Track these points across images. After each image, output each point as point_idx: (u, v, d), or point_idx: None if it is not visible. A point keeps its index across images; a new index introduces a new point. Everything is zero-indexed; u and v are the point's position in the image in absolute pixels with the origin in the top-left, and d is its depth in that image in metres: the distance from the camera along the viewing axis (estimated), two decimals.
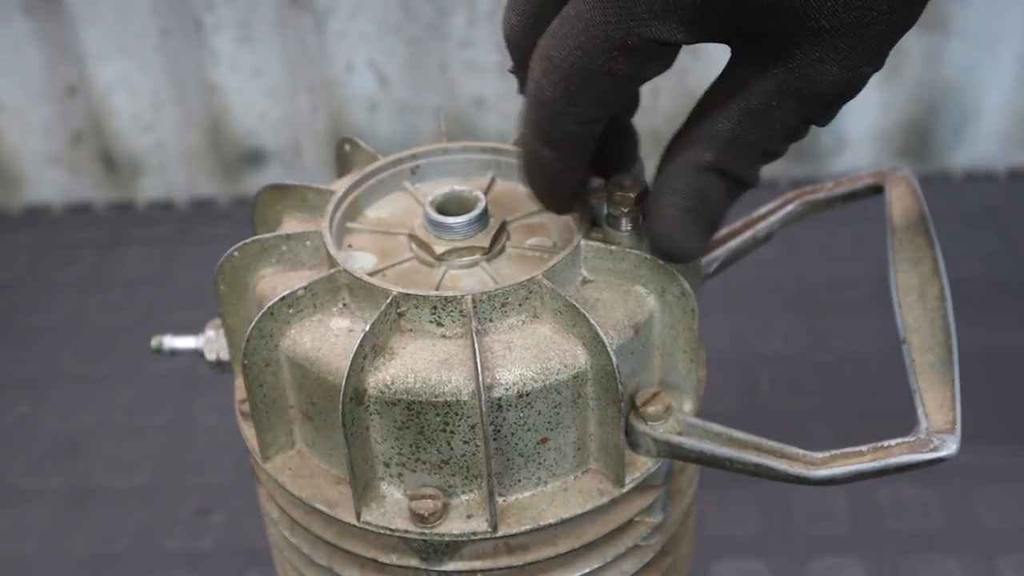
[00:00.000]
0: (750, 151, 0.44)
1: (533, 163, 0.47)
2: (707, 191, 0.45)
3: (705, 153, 0.44)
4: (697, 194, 0.45)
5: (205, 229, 1.14)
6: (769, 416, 0.89)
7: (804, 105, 0.42)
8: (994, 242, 1.07)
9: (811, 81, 0.42)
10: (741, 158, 0.44)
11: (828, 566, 0.79)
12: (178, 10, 1.08)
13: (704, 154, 0.44)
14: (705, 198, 0.45)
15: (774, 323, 0.98)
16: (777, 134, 0.44)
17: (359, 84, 1.12)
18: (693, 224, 0.46)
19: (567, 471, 0.50)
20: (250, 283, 0.53)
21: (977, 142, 1.15)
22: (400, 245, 0.54)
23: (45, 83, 1.12)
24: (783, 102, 0.42)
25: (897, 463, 0.46)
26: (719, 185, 0.45)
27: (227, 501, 0.85)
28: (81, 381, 0.97)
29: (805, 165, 1.17)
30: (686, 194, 0.45)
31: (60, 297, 1.06)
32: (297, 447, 0.53)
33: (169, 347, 0.60)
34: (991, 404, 0.89)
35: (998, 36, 1.09)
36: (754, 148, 0.44)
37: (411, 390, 0.47)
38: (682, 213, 0.46)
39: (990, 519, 0.81)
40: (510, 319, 0.48)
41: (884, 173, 0.59)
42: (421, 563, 0.51)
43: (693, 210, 0.46)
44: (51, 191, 1.18)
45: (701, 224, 0.46)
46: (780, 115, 0.43)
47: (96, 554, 0.82)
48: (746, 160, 0.44)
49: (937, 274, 0.54)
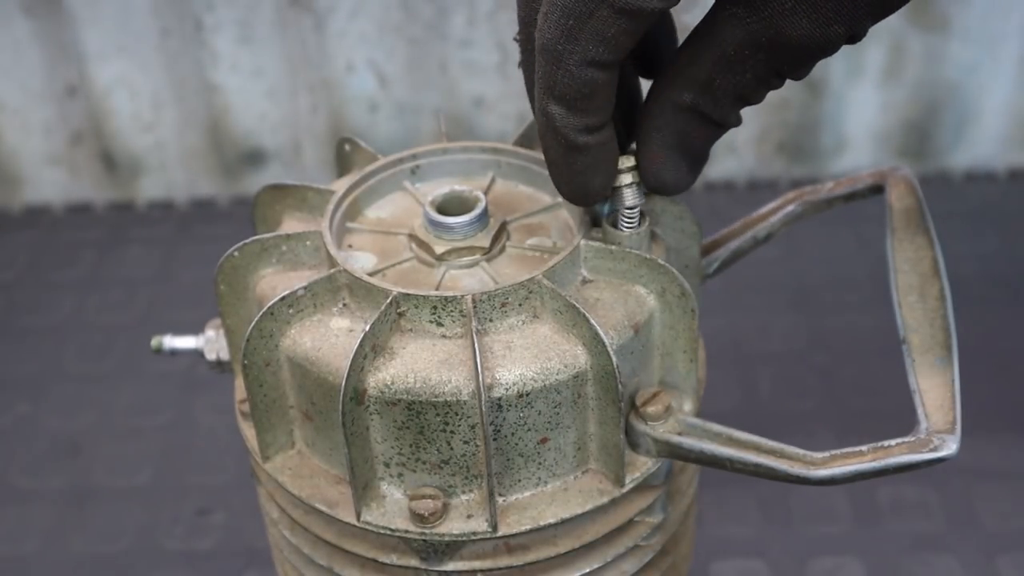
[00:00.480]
0: (724, 95, 0.45)
1: (545, 128, 0.46)
2: (687, 130, 0.47)
3: (684, 94, 0.46)
4: (678, 133, 0.47)
5: (205, 229, 1.14)
6: (769, 416, 0.89)
7: (774, 56, 0.43)
8: (994, 242, 1.07)
9: (781, 33, 0.42)
10: (717, 101, 0.46)
11: (828, 566, 0.79)
12: (178, 10, 1.08)
13: (683, 95, 0.46)
14: (686, 136, 0.47)
15: (774, 323, 0.98)
16: (749, 82, 0.45)
17: (359, 84, 1.12)
18: (679, 160, 0.48)
19: (567, 471, 0.50)
20: (250, 283, 0.53)
21: (977, 142, 1.15)
22: (400, 245, 0.54)
23: (45, 83, 1.12)
24: (754, 53, 0.43)
25: (897, 463, 0.46)
26: (698, 124, 0.47)
27: (227, 501, 0.85)
28: (81, 381, 0.97)
29: (805, 165, 1.17)
30: (668, 132, 0.47)
31: (60, 297, 1.06)
32: (297, 447, 0.53)
33: (169, 347, 0.60)
34: (991, 404, 0.89)
35: (998, 36, 1.09)
36: (728, 93, 0.45)
37: (411, 390, 0.47)
38: (667, 150, 0.48)
39: (990, 519, 0.81)
40: (510, 319, 0.48)
41: (884, 173, 0.59)
42: (421, 563, 0.51)
43: (677, 147, 0.48)
44: (51, 191, 1.18)
45: (686, 160, 0.48)
46: (751, 65, 0.44)
47: (96, 554, 0.82)
48: (722, 103, 0.46)
49: (937, 274, 0.54)
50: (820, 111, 1.13)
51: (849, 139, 1.15)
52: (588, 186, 0.48)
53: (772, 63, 0.44)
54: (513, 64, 1.10)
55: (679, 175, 0.48)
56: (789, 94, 1.11)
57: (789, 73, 0.45)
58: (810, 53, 0.43)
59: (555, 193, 0.56)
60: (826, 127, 1.14)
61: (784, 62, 0.44)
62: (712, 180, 1.17)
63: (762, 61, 0.44)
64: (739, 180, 1.17)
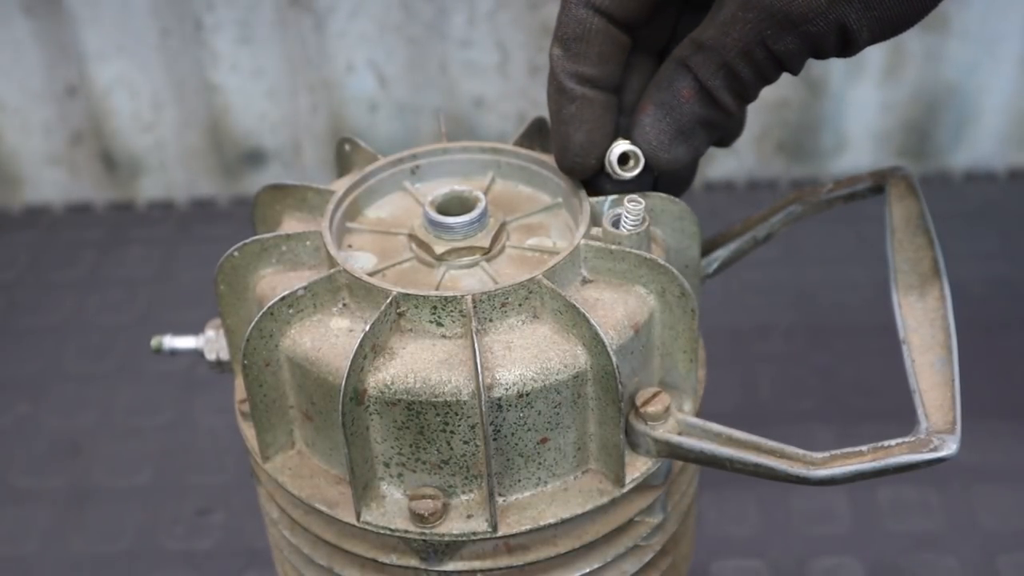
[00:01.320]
0: (711, 56, 0.47)
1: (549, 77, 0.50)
2: (676, 86, 0.49)
3: (681, 50, 0.49)
4: (668, 90, 0.49)
5: (205, 229, 1.14)
6: (769, 416, 0.89)
7: (759, 16, 0.45)
8: (994, 242, 1.07)
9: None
10: (705, 61, 0.48)
11: (828, 566, 0.79)
12: (178, 10, 1.08)
13: (680, 51, 0.49)
14: (674, 93, 0.49)
15: (774, 323, 0.98)
16: (734, 46, 0.47)
17: (359, 84, 1.12)
18: (664, 119, 0.50)
19: (567, 471, 0.50)
20: (250, 283, 0.53)
21: (977, 142, 1.15)
22: (400, 245, 0.54)
23: (45, 83, 1.12)
24: (745, 13, 0.46)
25: (897, 463, 0.46)
26: (687, 82, 0.49)
27: (227, 501, 0.85)
28: (81, 381, 0.97)
29: (805, 165, 1.17)
30: (660, 86, 0.50)
31: (60, 297, 1.06)
32: (297, 447, 0.53)
33: (169, 347, 0.60)
34: (991, 404, 0.89)
35: (998, 36, 1.09)
36: (714, 51, 0.47)
37: (411, 390, 0.47)
38: (654, 105, 0.50)
39: (990, 519, 0.81)
40: (510, 319, 0.48)
41: (884, 173, 0.59)
42: (421, 563, 0.51)
43: (664, 104, 0.50)
44: (51, 191, 1.18)
45: (670, 122, 0.50)
46: (740, 26, 0.46)
47: (96, 554, 0.82)
48: (708, 63, 0.48)
49: (937, 274, 0.54)
50: (820, 111, 1.13)
51: (849, 139, 1.15)
52: (569, 141, 0.51)
53: (757, 27, 0.46)
54: (513, 64, 1.10)
55: (661, 136, 0.50)
56: (789, 94, 1.11)
57: (771, 42, 0.46)
58: (789, 20, 0.45)
59: (555, 193, 0.56)
60: (826, 127, 1.14)
61: (767, 26, 0.45)
62: (712, 180, 1.17)
63: (749, 23, 0.46)
64: (739, 180, 1.17)
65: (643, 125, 0.50)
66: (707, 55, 0.48)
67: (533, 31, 1.08)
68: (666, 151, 0.50)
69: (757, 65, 0.47)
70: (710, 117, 0.49)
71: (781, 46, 0.46)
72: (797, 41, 0.46)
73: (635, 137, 0.51)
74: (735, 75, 0.48)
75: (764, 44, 0.46)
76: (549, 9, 1.07)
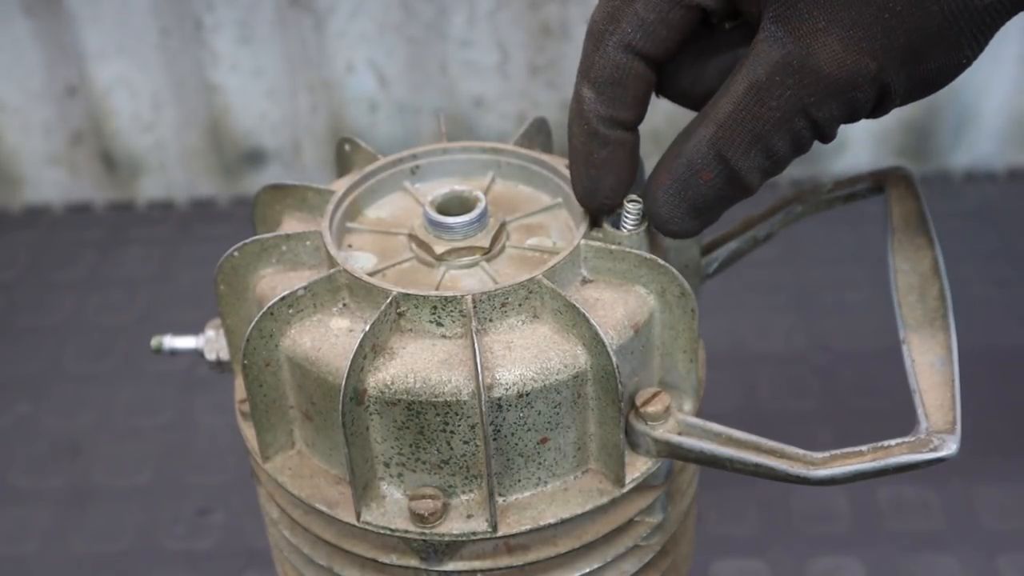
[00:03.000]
0: (743, 130, 0.44)
1: (574, 114, 0.48)
2: (696, 166, 0.46)
3: (703, 128, 0.45)
4: (687, 165, 0.46)
5: (205, 229, 1.14)
6: (769, 416, 0.89)
7: (802, 85, 0.43)
8: (994, 242, 1.07)
9: (812, 55, 0.42)
10: (734, 137, 0.45)
11: (828, 566, 0.79)
12: (178, 10, 1.08)
13: (702, 129, 0.46)
14: (692, 173, 0.46)
15: (774, 323, 0.98)
16: (771, 117, 0.44)
17: (359, 84, 1.12)
18: (679, 196, 0.47)
19: (567, 471, 0.50)
20: (250, 283, 0.53)
21: (977, 142, 1.15)
22: (400, 245, 0.54)
23: (45, 83, 1.12)
24: (784, 78, 0.43)
25: (897, 463, 0.46)
26: (710, 163, 0.46)
27: (227, 501, 0.85)
28: (81, 381, 0.97)
29: (805, 165, 1.17)
30: (678, 162, 0.46)
31: (60, 297, 1.06)
32: (297, 447, 0.53)
33: (169, 347, 0.60)
34: (991, 404, 0.89)
35: (998, 36, 1.09)
36: (746, 129, 0.44)
37: (411, 390, 0.47)
38: (671, 180, 0.47)
39: (990, 519, 0.81)
40: (510, 319, 0.48)
41: (884, 173, 0.59)
42: (421, 563, 0.51)
43: (679, 181, 0.47)
44: (51, 191, 1.18)
45: (685, 199, 0.47)
46: (779, 92, 0.43)
47: (96, 554, 0.82)
48: (738, 140, 0.45)
49: (937, 274, 0.54)
50: None
51: (849, 139, 1.15)
52: (599, 183, 0.49)
53: (799, 93, 0.43)
54: (513, 64, 1.10)
55: (673, 212, 0.48)
56: None
57: (814, 110, 0.43)
58: (837, 86, 0.43)
59: (555, 193, 0.56)
60: None
61: (813, 91, 0.43)
62: None
63: (790, 89, 0.43)
64: None
65: (657, 197, 0.47)
66: (736, 129, 0.44)
67: (533, 31, 1.08)
68: (677, 225, 0.48)
69: (795, 136, 0.44)
70: (729, 195, 0.47)
71: (824, 113, 0.43)
72: (841, 108, 0.43)
73: (647, 205, 0.49)
74: (769, 151, 0.45)
75: (806, 113, 0.44)
76: (549, 9, 1.07)
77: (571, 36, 1.08)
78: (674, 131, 0.48)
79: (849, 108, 0.44)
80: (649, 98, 0.48)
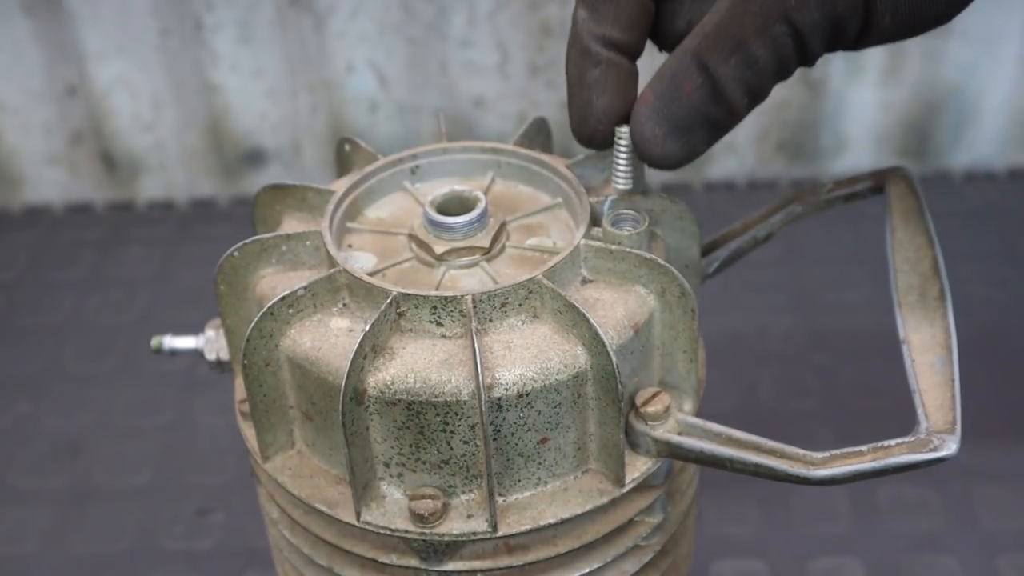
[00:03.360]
0: (725, 38, 0.45)
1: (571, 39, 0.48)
2: (678, 77, 0.46)
3: (688, 40, 0.46)
4: (672, 77, 0.46)
5: (205, 229, 1.14)
6: (769, 416, 0.89)
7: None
8: (994, 242, 1.07)
9: None
10: (716, 45, 0.45)
11: (828, 566, 0.79)
12: (178, 10, 1.08)
13: (686, 42, 0.46)
14: (676, 84, 0.46)
15: (774, 323, 0.98)
16: (752, 23, 0.44)
17: (359, 84, 1.12)
18: (662, 112, 0.47)
19: (567, 471, 0.50)
20: (250, 283, 0.53)
21: (977, 142, 1.15)
22: (400, 245, 0.54)
23: (45, 83, 1.12)
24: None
25: (897, 463, 0.46)
26: (692, 74, 0.46)
27: (227, 501, 0.85)
28: (81, 381, 0.97)
29: (805, 165, 1.17)
30: (664, 76, 0.47)
31: (60, 297, 1.06)
32: (297, 447, 0.53)
33: (169, 347, 0.60)
34: (991, 404, 0.89)
35: (998, 36, 1.09)
36: (729, 35, 0.45)
37: (411, 390, 0.47)
38: (655, 97, 0.47)
39: (990, 519, 0.81)
40: (510, 319, 0.48)
41: (884, 173, 0.59)
42: (421, 563, 0.51)
43: (664, 94, 0.46)
44: (51, 191, 1.18)
45: (667, 115, 0.47)
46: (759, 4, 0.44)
47: (96, 554, 0.82)
48: (720, 48, 0.45)
49: (937, 274, 0.54)
50: (820, 111, 1.13)
51: (849, 139, 1.15)
52: (591, 106, 0.49)
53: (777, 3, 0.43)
54: (513, 64, 1.10)
55: (655, 130, 0.47)
56: (789, 94, 1.11)
57: (795, 14, 0.43)
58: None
59: (555, 193, 0.56)
60: (826, 127, 1.14)
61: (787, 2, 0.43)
62: (712, 180, 1.17)
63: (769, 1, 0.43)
64: (739, 180, 1.17)
65: (639, 115, 0.47)
66: (718, 37, 0.45)
67: (533, 31, 1.08)
68: (659, 146, 0.47)
69: (776, 44, 0.44)
70: (713, 114, 0.46)
71: (806, 18, 0.43)
72: (823, 15, 0.43)
73: (631, 127, 0.48)
74: (750, 59, 0.45)
75: (787, 18, 0.43)
76: (549, 9, 1.07)
77: None
78: None
79: (830, 17, 0.44)
80: (647, 28, 0.49)
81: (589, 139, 0.50)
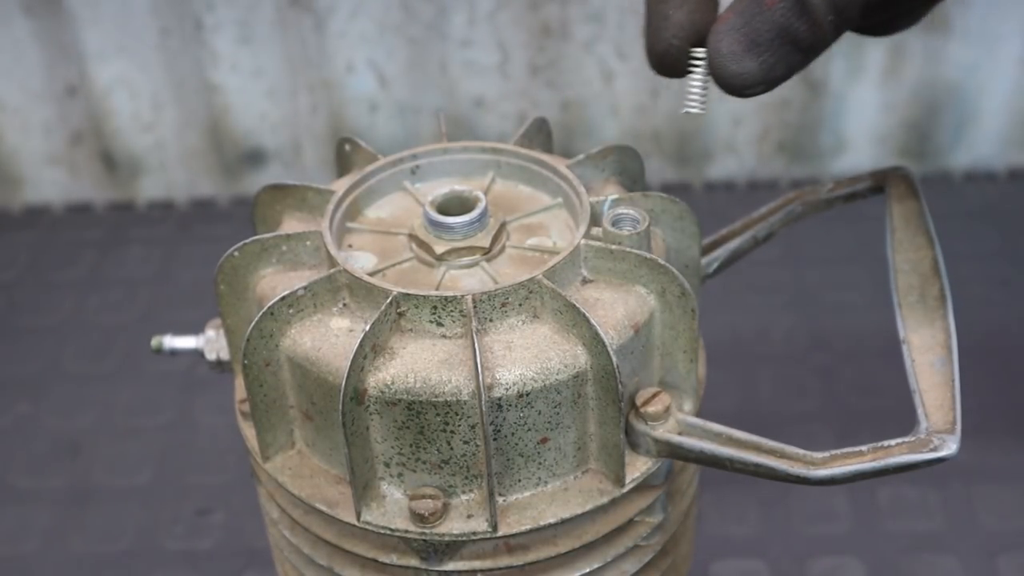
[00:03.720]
0: None
1: None
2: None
3: None
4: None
5: (205, 229, 1.14)
6: (769, 416, 0.89)
7: None
8: (994, 242, 1.07)
9: None
10: None
11: (828, 566, 0.79)
12: (178, 10, 1.08)
13: None
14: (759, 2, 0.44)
15: (774, 323, 0.98)
16: None
17: (359, 84, 1.12)
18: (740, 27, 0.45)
19: (567, 471, 0.50)
20: (250, 283, 0.53)
21: (977, 142, 1.15)
22: (400, 245, 0.54)
23: (45, 83, 1.12)
24: None
25: (897, 463, 0.47)
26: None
27: (227, 501, 0.85)
28: (81, 381, 0.97)
29: (805, 165, 1.17)
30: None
31: (60, 297, 1.06)
32: (297, 447, 0.53)
33: (169, 347, 0.60)
34: (991, 404, 0.89)
35: (998, 36, 1.09)
36: None
37: (411, 390, 0.47)
38: (735, 13, 0.45)
39: (990, 519, 0.81)
40: (510, 319, 0.48)
41: (884, 173, 0.59)
42: (421, 563, 0.51)
43: (744, 12, 0.44)
44: (51, 191, 1.18)
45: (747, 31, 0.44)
46: None
47: (96, 554, 0.82)
48: None
49: (937, 274, 0.54)
50: (820, 111, 1.13)
51: (849, 139, 1.15)
52: (668, 19, 0.46)
53: None
54: (513, 64, 1.10)
55: (733, 47, 0.45)
56: (789, 94, 1.11)
57: None
58: None
59: (555, 193, 0.56)
60: (826, 127, 1.14)
61: None
62: (712, 180, 1.17)
63: None
64: (739, 180, 1.17)
65: (717, 32, 0.45)
66: None
67: (533, 31, 1.08)
68: (736, 62, 0.45)
69: None
70: (795, 30, 0.44)
71: None
72: None
73: (708, 44, 0.46)
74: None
75: None
76: (549, 9, 1.07)
77: (571, 36, 1.08)
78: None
79: None
80: None
81: (662, 56, 0.47)
